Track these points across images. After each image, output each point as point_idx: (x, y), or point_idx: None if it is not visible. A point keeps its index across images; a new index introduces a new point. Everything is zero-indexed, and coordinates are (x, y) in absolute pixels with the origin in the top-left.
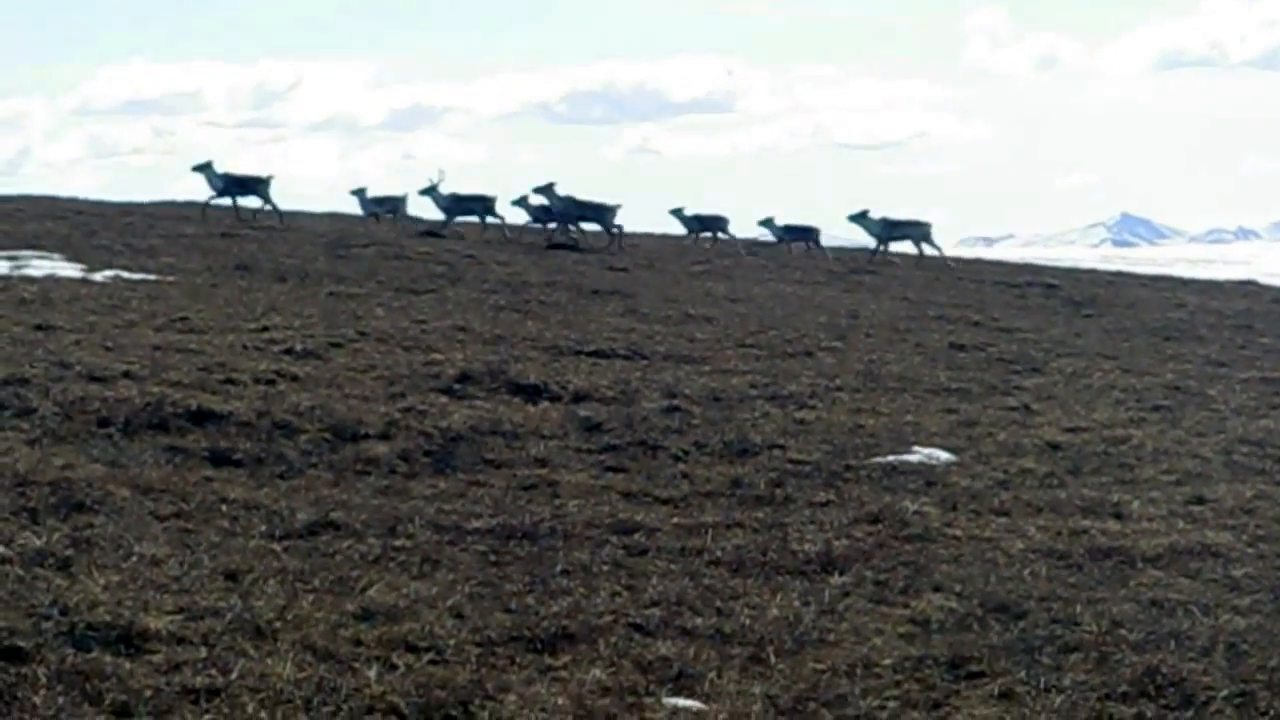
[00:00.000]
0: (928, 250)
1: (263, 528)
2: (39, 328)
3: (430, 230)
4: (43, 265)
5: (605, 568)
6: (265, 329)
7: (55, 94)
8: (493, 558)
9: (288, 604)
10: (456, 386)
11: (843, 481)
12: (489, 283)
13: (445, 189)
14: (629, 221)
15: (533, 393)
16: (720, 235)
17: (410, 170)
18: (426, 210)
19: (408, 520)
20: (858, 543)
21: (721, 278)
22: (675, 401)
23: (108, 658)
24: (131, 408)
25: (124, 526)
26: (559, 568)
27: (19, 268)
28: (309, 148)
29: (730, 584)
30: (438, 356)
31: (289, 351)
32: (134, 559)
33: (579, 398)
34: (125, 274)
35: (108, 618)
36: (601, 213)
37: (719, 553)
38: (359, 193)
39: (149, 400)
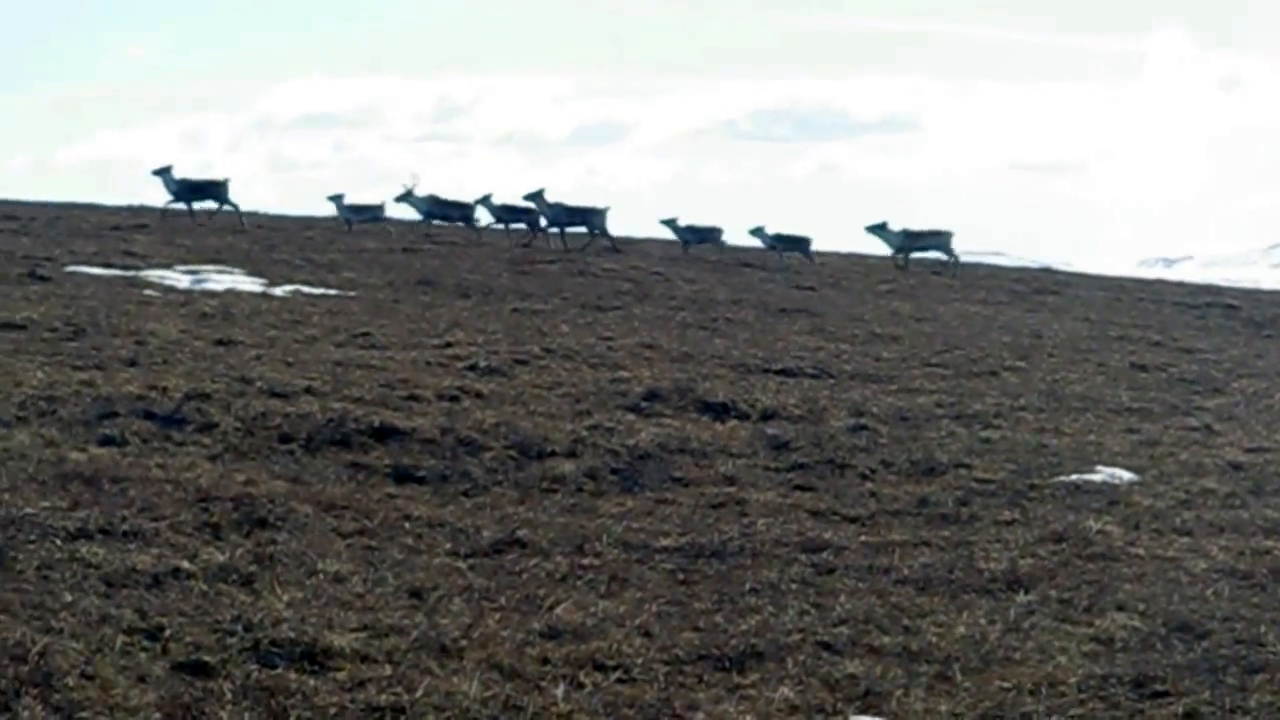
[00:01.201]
0: (944, 258)
1: (448, 545)
2: (220, 343)
3: (615, 247)
4: (223, 280)
5: (793, 586)
6: (449, 345)
7: (235, 109)
8: (681, 576)
9: (473, 622)
10: (644, 404)
11: (1027, 500)
12: (676, 300)
13: (421, 192)
14: (817, 240)
15: (721, 411)
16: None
17: (595, 187)
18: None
19: (595, 538)
20: (1042, 561)
21: (907, 297)
22: (862, 420)
23: (292, 674)
24: (313, 424)
25: (307, 543)
26: (747, 586)
27: (200, 282)
28: (492, 163)
29: (917, 602)
30: (625, 374)
31: (473, 368)
32: (317, 576)
33: (767, 416)
34: (306, 289)
35: (292, 634)
36: (590, 216)
37: (906, 571)
38: (336, 199)
39: (331, 416)
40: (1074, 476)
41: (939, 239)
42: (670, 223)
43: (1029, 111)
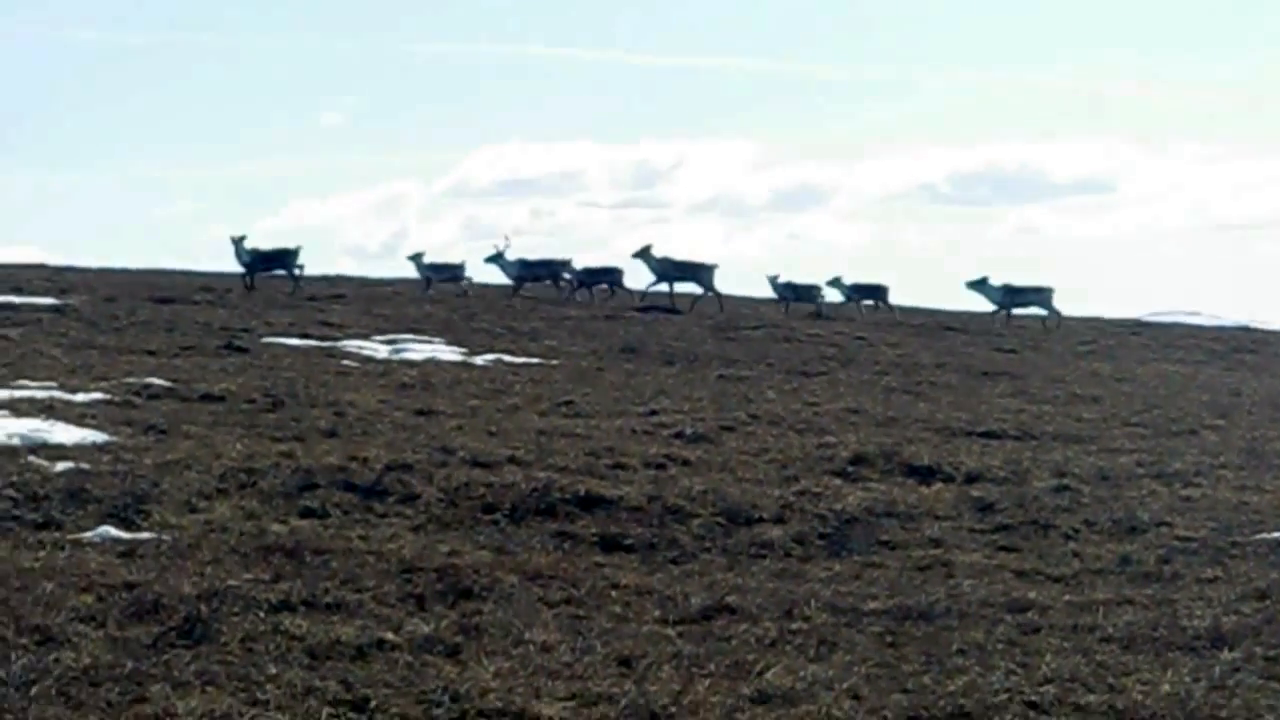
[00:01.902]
0: (1044, 313)
1: (656, 612)
2: (420, 412)
3: (819, 312)
4: (423, 349)
5: (999, 646)
6: (654, 413)
7: (431, 176)
8: (889, 638)
9: (683, 689)
10: (850, 468)
11: (1229, 558)
12: (880, 364)
13: (512, 255)
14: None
15: (926, 474)
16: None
17: (796, 252)
18: (489, 275)
19: (804, 602)
20: (1246, 619)
21: (1106, 358)
22: (1065, 480)
23: None
24: (518, 493)
25: (513, 613)
26: (954, 647)
27: (399, 351)
28: (692, 229)
29: (1122, 660)
30: (831, 439)
31: (679, 435)
32: (524, 645)
33: (971, 478)
34: (507, 357)
35: (499, 704)
36: (699, 272)
37: (1110, 629)
38: (416, 258)
39: (535, 485)
40: (1276, 534)
41: (1040, 295)
42: (772, 280)
43: (1228, 170)
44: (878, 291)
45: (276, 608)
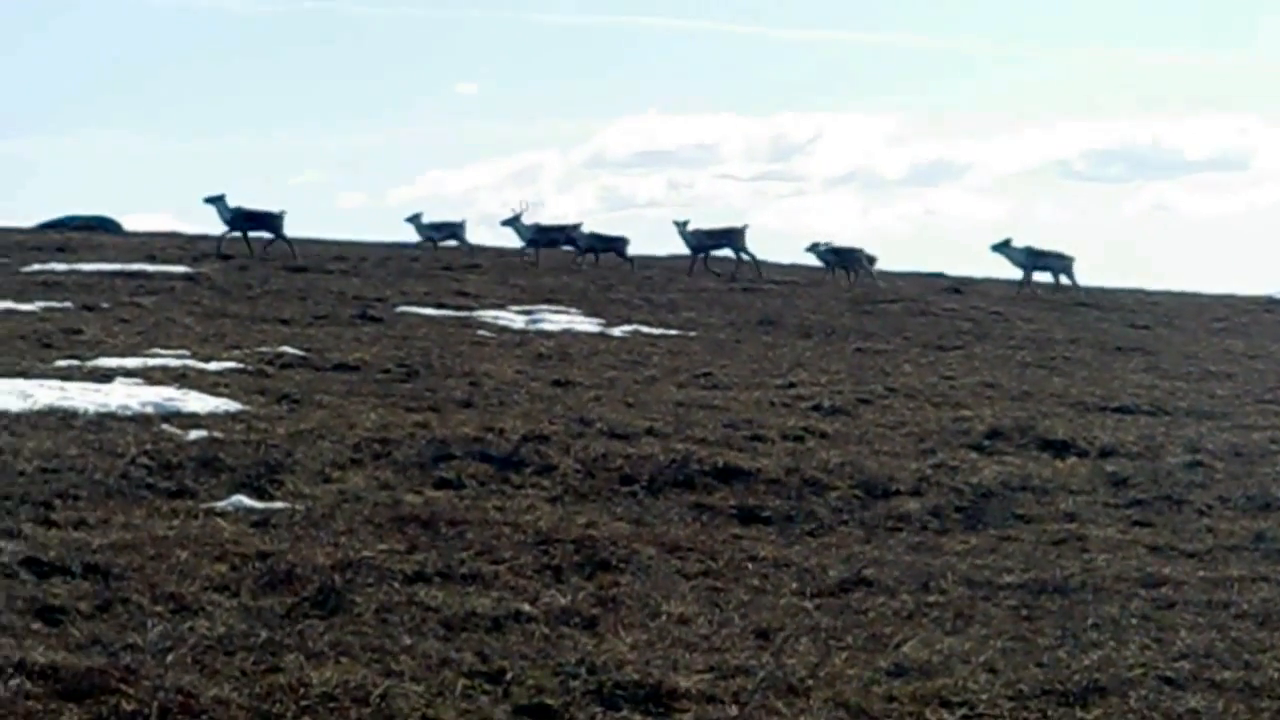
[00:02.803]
0: (1064, 281)
1: (794, 585)
2: (557, 383)
3: (954, 287)
4: (559, 319)
5: (1134, 621)
6: (791, 385)
7: (568, 146)
8: (1024, 612)
9: (820, 661)
10: (986, 442)
11: None
12: (1015, 339)
13: (528, 220)
14: (1147, 280)
15: (1061, 448)
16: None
17: (931, 225)
18: (500, 239)
19: (940, 576)
20: None
21: (1239, 334)
22: (1198, 456)
23: (636, 717)
24: (655, 465)
25: (650, 585)
26: (1089, 621)
27: (535, 322)
28: (829, 202)
29: (1257, 637)
30: (967, 413)
31: (817, 408)
32: (662, 617)
33: (1105, 453)
34: (644, 328)
35: (636, 676)
36: (730, 236)
37: (1245, 606)
38: (414, 219)
39: (673, 457)
40: None
41: (1062, 261)
42: (814, 248)
43: None
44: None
45: (411, 579)
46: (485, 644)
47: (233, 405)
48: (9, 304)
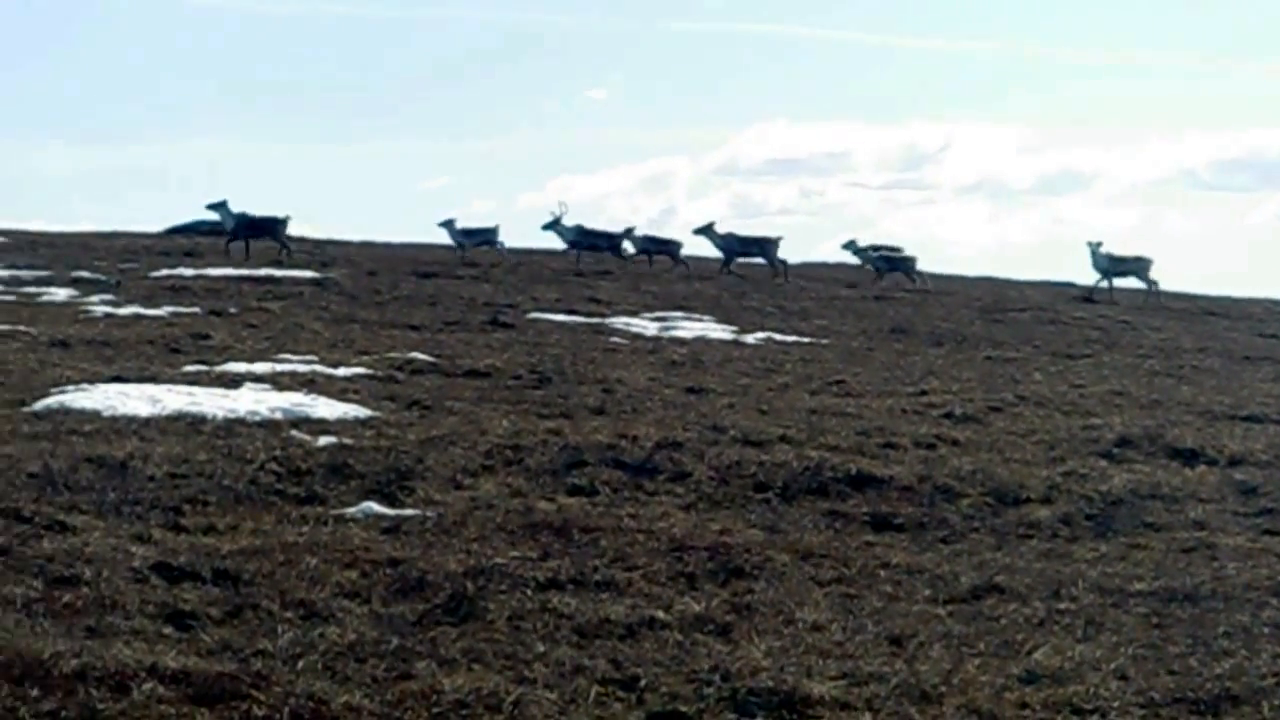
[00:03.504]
0: (1144, 285)
1: (926, 592)
2: (691, 390)
3: (1086, 296)
4: (692, 327)
5: (1265, 630)
6: (923, 393)
7: (699, 153)
8: (1155, 620)
9: (953, 668)
10: (1115, 450)
11: None
12: (1143, 348)
13: (569, 222)
14: (1275, 289)
15: (1190, 456)
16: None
17: (1060, 235)
18: (539, 240)
19: (1071, 583)
20: None
21: None
22: None
23: None
24: (789, 472)
25: (784, 592)
26: (1220, 629)
27: (668, 329)
28: (958, 211)
29: None
30: (1096, 421)
31: (948, 416)
32: (795, 624)
33: (1234, 462)
34: (777, 336)
35: (770, 683)
36: (764, 246)
37: None
38: (447, 224)
39: (807, 464)
40: None
41: (1140, 264)
42: (850, 246)
43: None
44: (904, 262)
45: (544, 586)
46: (619, 651)
47: (362, 411)
48: (137, 309)
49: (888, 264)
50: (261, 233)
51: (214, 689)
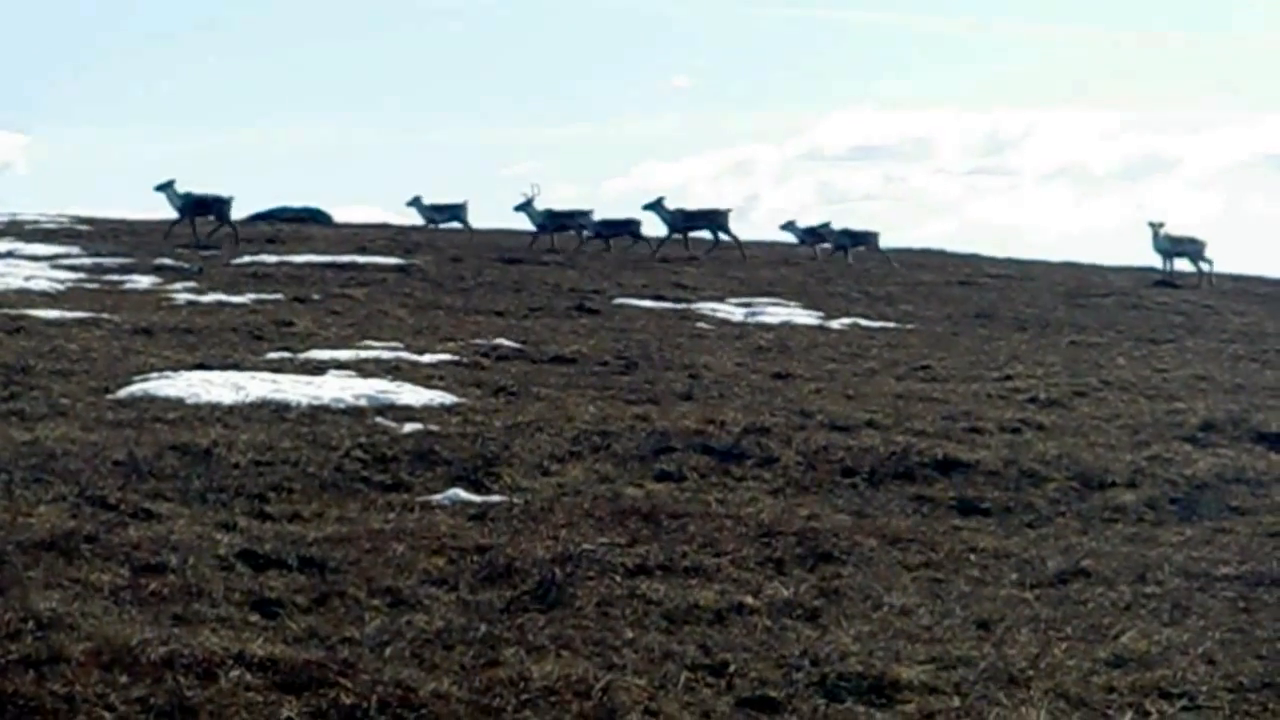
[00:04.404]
0: (1202, 268)
1: (1013, 576)
2: (777, 376)
3: (1163, 280)
4: (778, 312)
5: None
6: (1008, 377)
7: (782, 140)
8: (1241, 604)
9: (1040, 652)
10: (1200, 435)
11: None
12: (1227, 333)
13: (540, 204)
14: None
15: (1275, 441)
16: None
17: (1142, 220)
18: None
19: (1157, 567)
20: None
21: None
22: None
23: (860, 708)
24: (876, 457)
25: (872, 576)
26: None
27: (754, 315)
28: (1041, 197)
29: None
30: (1180, 405)
31: (1033, 400)
32: (883, 609)
33: None
34: (863, 321)
35: (859, 668)
36: (714, 217)
37: None
38: (415, 201)
39: (894, 449)
40: None
41: (1195, 246)
42: (804, 227)
43: None
44: (867, 238)
45: (633, 571)
46: (708, 637)
47: (448, 398)
48: (220, 296)
49: (813, 237)
50: (207, 211)
51: (301, 676)
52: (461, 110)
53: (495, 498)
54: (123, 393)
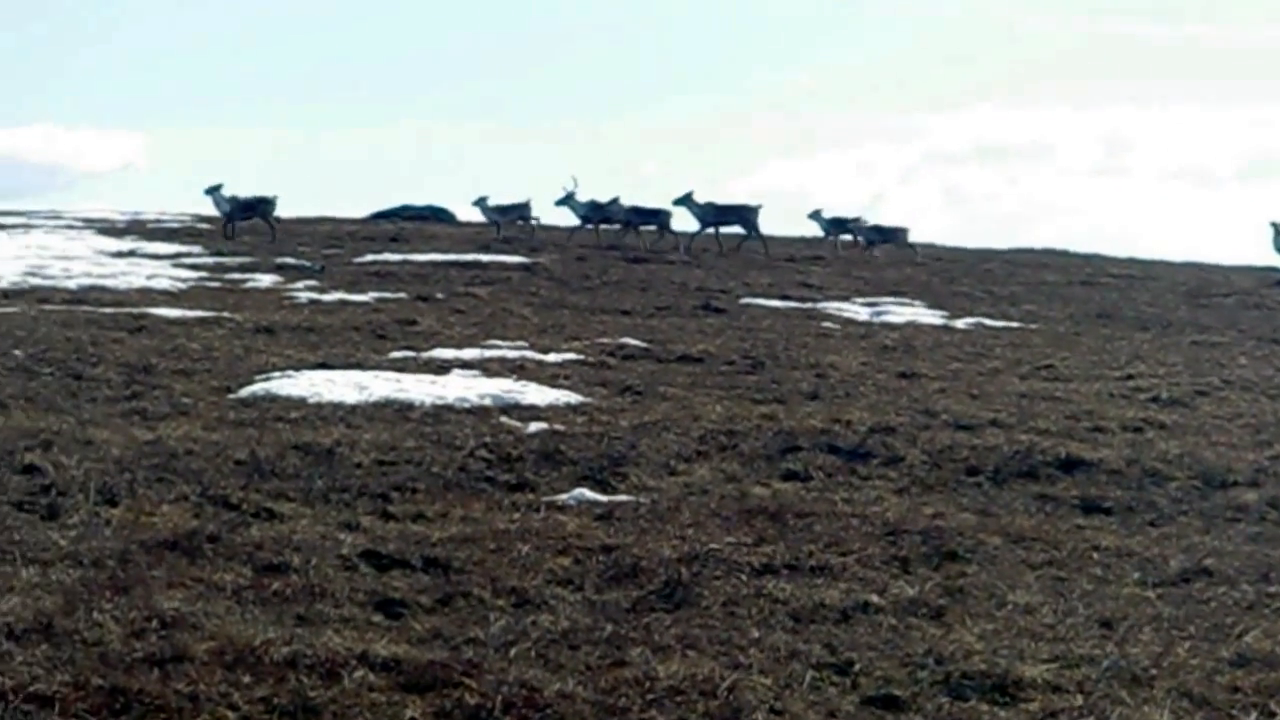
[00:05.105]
0: None
1: (1135, 575)
2: (903, 375)
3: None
4: (903, 311)
5: None
6: (1130, 377)
7: (907, 139)
8: None
9: (1163, 651)
10: None
11: None
12: None
13: (582, 198)
14: None
15: None
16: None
17: (1262, 222)
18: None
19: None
20: None
21: None
22: None
23: (984, 706)
24: (1000, 456)
25: (996, 575)
26: None
27: (879, 314)
28: (1162, 196)
29: None
30: None
31: (1155, 400)
32: (1007, 607)
33: None
34: (987, 321)
35: (983, 666)
36: (744, 214)
37: None
38: (480, 202)
39: (1017, 448)
40: None
41: None
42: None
43: None
44: (896, 234)
45: (759, 571)
46: (833, 635)
47: (573, 397)
48: (342, 295)
49: (838, 229)
50: (254, 213)
51: (425, 677)
52: (584, 108)
53: (621, 497)
54: (245, 392)
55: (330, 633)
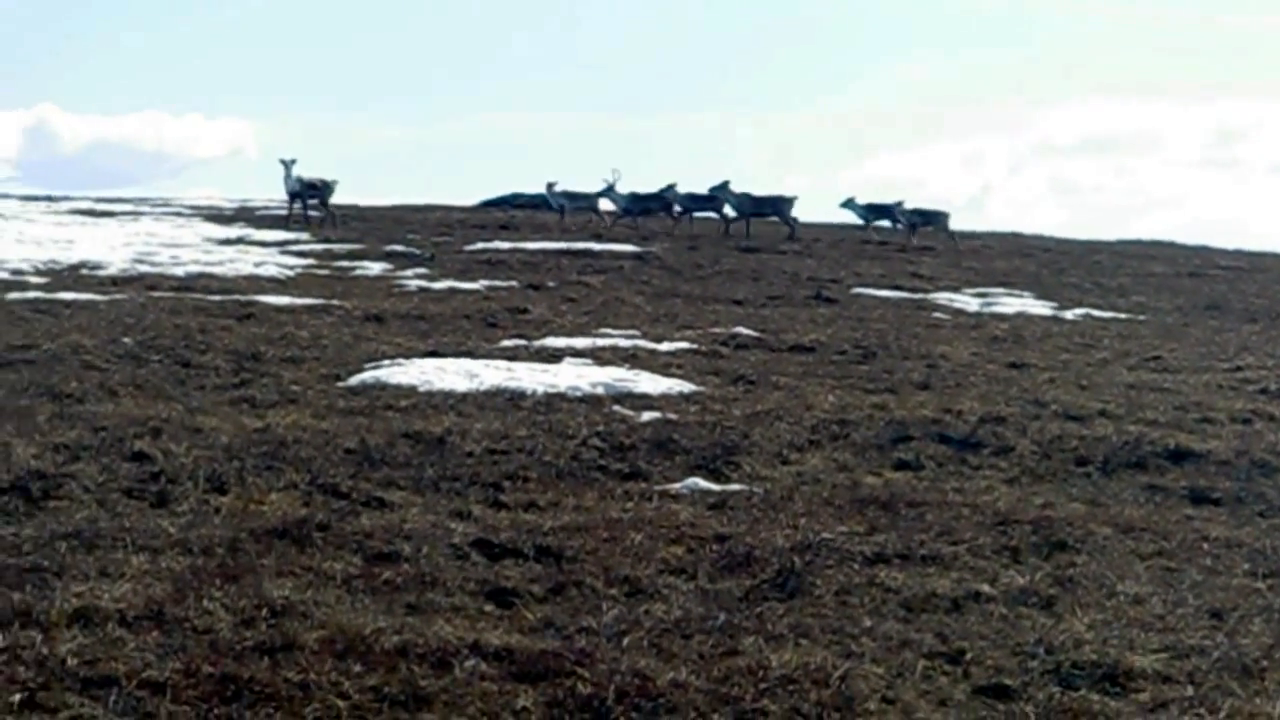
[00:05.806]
0: None
1: (1245, 566)
2: (1013, 365)
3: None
4: (1012, 302)
5: None
6: (1239, 368)
7: (1015, 131)
8: None
9: (1274, 643)
10: None
11: None
12: None
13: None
14: None
15: None
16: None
17: None
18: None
19: None
20: None
21: None
22: None
23: (1094, 696)
24: (1109, 446)
25: (1106, 565)
26: None
27: (989, 304)
28: (1271, 188)
29: None
30: None
31: (1264, 391)
32: (1117, 597)
33: None
34: (1095, 312)
35: (1093, 656)
36: (778, 205)
37: None
38: (549, 188)
39: (1126, 439)
40: None
41: None
42: (849, 203)
43: None
44: (937, 217)
45: (871, 560)
46: (945, 625)
47: (686, 386)
48: (452, 283)
49: (875, 214)
50: (315, 194)
51: (537, 666)
52: (686, 100)
53: (734, 486)
54: (354, 380)
55: (441, 622)
